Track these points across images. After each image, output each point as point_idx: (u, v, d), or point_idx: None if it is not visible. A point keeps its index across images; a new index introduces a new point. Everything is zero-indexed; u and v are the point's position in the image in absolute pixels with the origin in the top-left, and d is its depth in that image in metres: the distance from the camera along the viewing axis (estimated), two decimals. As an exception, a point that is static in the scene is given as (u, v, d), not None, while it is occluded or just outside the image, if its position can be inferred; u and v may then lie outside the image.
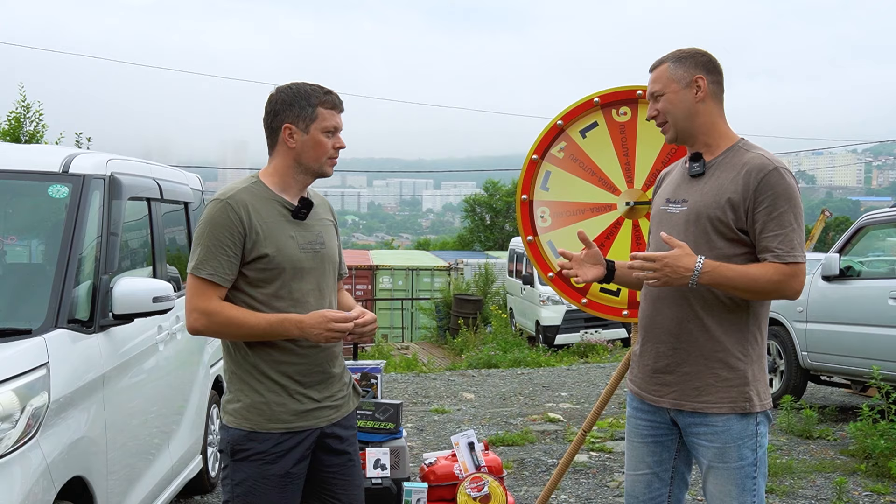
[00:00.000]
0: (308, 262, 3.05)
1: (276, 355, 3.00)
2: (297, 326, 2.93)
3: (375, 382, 5.14)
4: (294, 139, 3.02)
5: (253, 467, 2.98)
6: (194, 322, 2.97)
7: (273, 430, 2.99)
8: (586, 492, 6.06)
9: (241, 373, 3.02)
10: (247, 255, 2.95)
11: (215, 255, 2.92)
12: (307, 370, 3.05)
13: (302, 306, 3.01)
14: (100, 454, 3.75)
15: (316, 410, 3.06)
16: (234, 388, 3.05)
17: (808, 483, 6.20)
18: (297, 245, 3.03)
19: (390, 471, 4.80)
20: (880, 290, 7.83)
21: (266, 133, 3.09)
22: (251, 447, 2.98)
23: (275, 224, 3.00)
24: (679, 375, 3.04)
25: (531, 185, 4.76)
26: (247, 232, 2.94)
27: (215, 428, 6.09)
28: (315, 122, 3.02)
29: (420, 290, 28.07)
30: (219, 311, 2.92)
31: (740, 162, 3.01)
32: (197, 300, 2.94)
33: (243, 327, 2.92)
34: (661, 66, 3.11)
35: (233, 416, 3.02)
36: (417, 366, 13.84)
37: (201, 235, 2.96)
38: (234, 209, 2.94)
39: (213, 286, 2.93)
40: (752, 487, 3.02)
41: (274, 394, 2.99)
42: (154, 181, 4.94)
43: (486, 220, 51.71)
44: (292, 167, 3.06)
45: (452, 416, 8.93)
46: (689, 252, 2.91)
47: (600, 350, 15.76)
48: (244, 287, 2.99)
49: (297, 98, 3.02)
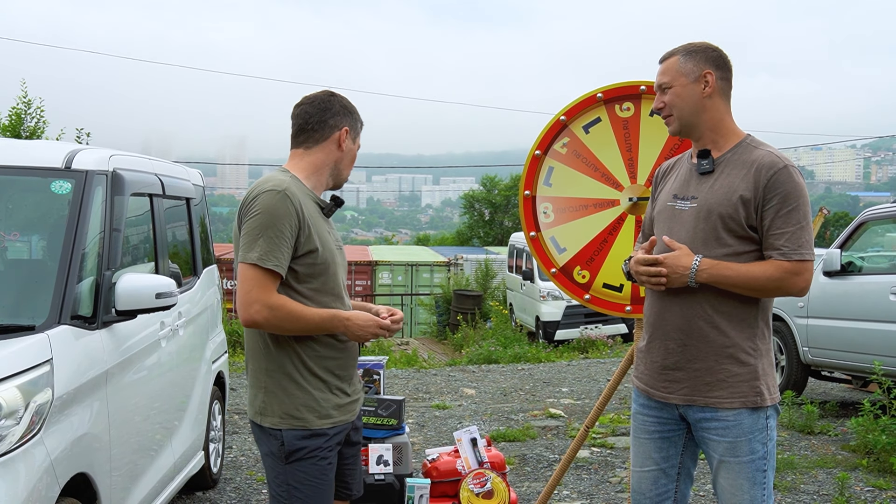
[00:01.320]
0: (339, 258, 3.15)
1: (321, 350, 3.04)
2: (343, 324, 3.00)
3: (378, 378, 5.13)
4: (346, 144, 3.15)
5: (310, 465, 3.00)
6: (255, 314, 2.91)
7: (324, 426, 3.02)
8: (588, 487, 6.06)
9: (286, 369, 3.01)
10: (299, 248, 2.96)
11: (278, 245, 2.90)
12: (345, 364, 3.13)
13: (340, 301, 3.10)
14: (103, 451, 3.74)
15: (350, 404, 3.15)
16: (272, 388, 3.02)
17: (811, 478, 6.21)
18: (332, 241, 3.11)
19: (393, 467, 4.80)
20: (881, 286, 7.83)
21: (313, 126, 3.11)
22: (307, 445, 3.00)
23: (317, 219, 3.05)
24: (689, 371, 3.04)
25: (534, 180, 4.75)
26: (301, 225, 2.95)
27: (217, 424, 6.09)
28: (358, 138, 3.23)
29: (419, 286, 28.07)
30: (281, 305, 2.91)
31: (749, 159, 3.01)
32: (259, 292, 2.89)
33: (301, 321, 2.93)
34: (670, 59, 3.11)
35: (280, 417, 3.00)
36: (418, 361, 13.84)
37: (262, 225, 2.89)
38: (291, 201, 2.93)
39: (274, 278, 2.91)
40: (763, 481, 3.03)
41: (318, 390, 3.03)
42: (156, 177, 4.93)
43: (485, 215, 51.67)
44: (329, 167, 3.15)
45: (453, 411, 8.93)
46: (688, 252, 2.99)
47: (600, 345, 15.76)
48: (291, 282, 2.98)
49: (355, 111, 3.20)
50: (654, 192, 3.37)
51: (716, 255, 2.99)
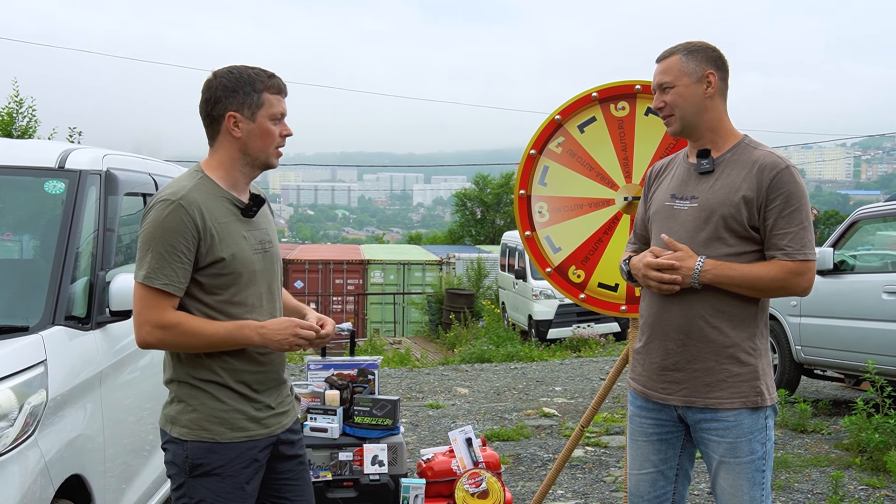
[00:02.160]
0: (259, 263, 2.86)
1: (235, 363, 2.81)
2: (258, 333, 2.75)
3: (372, 378, 5.13)
4: (239, 128, 2.79)
5: (215, 482, 2.75)
6: (147, 336, 2.71)
7: (235, 440, 2.78)
8: (583, 487, 6.06)
9: (197, 381, 2.78)
10: (200, 260, 2.72)
11: (169, 262, 2.67)
12: (265, 378, 2.88)
13: (256, 311, 2.84)
14: (97, 452, 3.72)
15: (272, 417, 2.89)
16: (186, 396, 2.79)
17: (804, 477, 6.22)
18: (249, 246, 2.83)
19: (388, 467, 4.79)
20: (874, 284, 7.85)
21: (205, 122, 2.85)
22: (213, 460, 2.75)
23: (228, 225, 2.78)
24: (689, 372, 3.03)
25: (529, 180, 4.75)
26: (201, 236, 2.70)
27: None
28: (262, 109, 2.80)
29: (411, 285, 28.03)
30: (175, 324, 2.68)
31: (750, 159, 3.01)
32: (149, 312, 2.68)
33: (200, 338, 2.70)
34: (671, 58, 3.08)
35: (188, 427, 2.76)
36: (410, 360, 13.84)
37: (152, 241, 2.68)
38: (187, 211, 2.69)
39: (166, 297, 2.68)
40: (762, 481, 3.03)
41: (232, 401, 2.79)
42: (150, 176, 4.91)
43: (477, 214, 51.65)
44: (238, 159, 2.83)
45: (447, 411, 8.92)
46: (691, 253, 2.98)
47: (593, 344, 15.76)
48: (197, 294, 2.76)
49: (241, 83, 2.78)
50: (646, 192, 3.35)
51: (717, 254, 2.98)
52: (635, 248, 3.37)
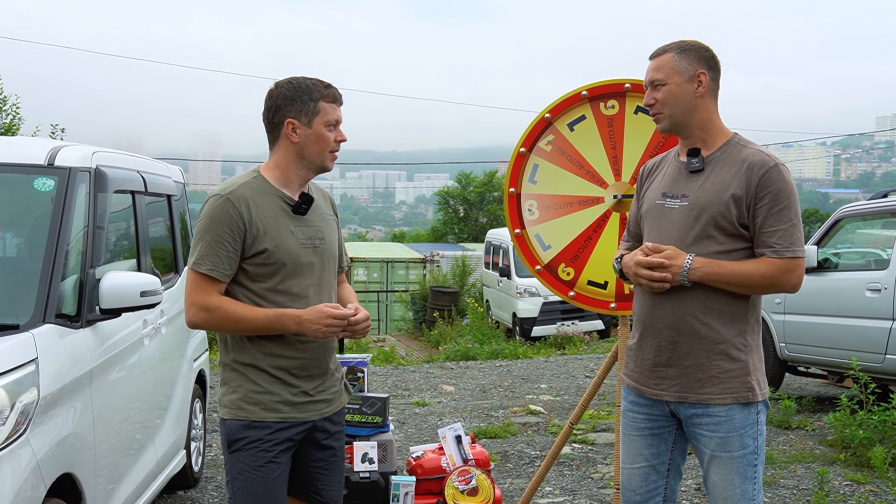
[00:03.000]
0: (307, 257, 3.06)
1: (275, 349, 3.01)
2: (296, 321, 2.95)
3: (362, 376, 5.12)
4: (297, 134, 3.03)
5: (248, 456, 2.98)
6: (193, 317, 2.98)
7: (268, 419, 2.99)
8: (570, 483, 6.08)
9: (238, 365, 3.03)
10: (247, 250, 2.96)
11: (215, 250, 2.93)
12: (305, 364, 3.06)
13: (301, 301, 3.02)
14: (88, 450, 3.71)
15: (309, 403, 3.08)
16: (229, 380, 3.06)
17: (790, 473, 6.26)
18: (296, 240, 3.04)
19: (378, 464, 4.79)
20: (857, 282, 7.92)
21: (267, 128, 3.10)
22: (247, 436, 2.99)
23: (275, 219, 3.01)
24: (681, 368, 3.05)
25: (519, 178, 4.76)
26: (247, 227, 2.95)
27: (198, 422, 6.06)
28: (318, 117, 3.03)
29: (395, 283, 28.02)
30: (218, 307, 2.94)
31: (739, 158, 3.03)
32: (196, 295, 2.96)
33: (242, 322, 2.94)
34: (664, 55, 3.10)
35: (228, 407, 3.03)
36: (396, 358, 13.83)
37: (202, 231, 2.97)
38: (234, 205, 2.95)
39: (212, 281, 2.94)
40: (753, 475, 3.06)
41: (269, 384, 3.00)
42: (138, 174, 4.89)
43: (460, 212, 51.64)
44: (294, 162, 3.06)
45: (433, 408, 8.93)
46: (679, 251, 3.01)
47: (577, 342, 15.81)
48: (244, 281, 3.00)
49: (299, 92, 3.03)
50: (639, 190, 3.37)
51: (707, 252, 3.01)
52: (629, 246, 3.39)
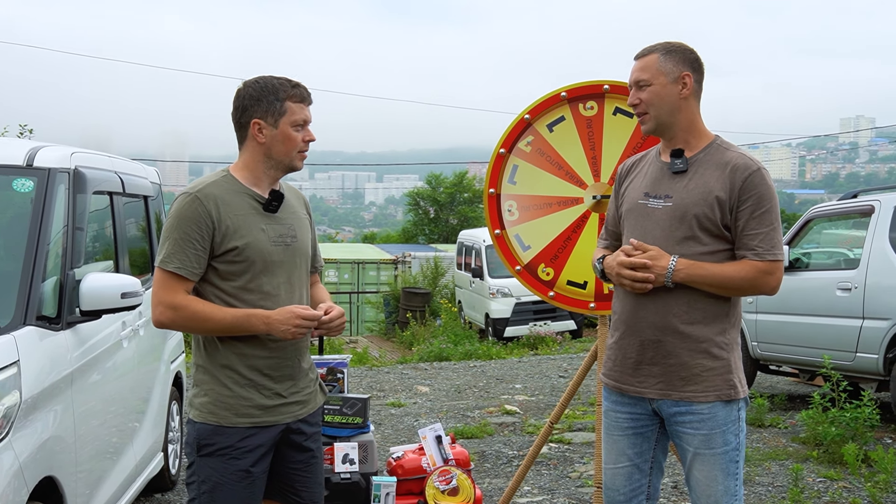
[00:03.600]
0: (278, 255, 3.02)
1: (246, 349, 2.97)
2: (264, 322, 2.92)
3: (341, 377, 5.11)
4: (263, 134, 2.99)
5: (218, 463, 2.94)
6: (160, 315, 2.94)
7: (239, 425, 2.95)
8: (549, 483, 6.11)
9: (210, 366, 2.99)
10: (216, 248, 2.93)
11: (183, 248, 2.90)
12: (277, 364, 3.02)
13: (272, 300, 2.99)
14: (69, 453, 3.68)
15: (282, 406, 3.04)
16: (201, 382, 3.01)
17: (764, 470, 6.34)
18: (267, 238, 3.00)
19: (359, 465, 4.78)
20: (828, 281, 8.02)
21: (235, 128, 3.07)
22: (217, 441, 2.94)
23: (245, 217, 2.98)
24: (664, 367, 3.08)
25: (499, 178, 4.78)
26: (216, 225, 2.92)
27: (175, 425, 6.02)
28: (284, 117, 2.99)
29: (366, 284, 27.98)
30: (185, 306, 2.90)
31: (723, 160, 3.07)
32: (163, 293, 2.92)
33: (209, 321, 2.91)
34: (649, 56, 3.13)
35: (199, 410, 2.99)
36: (369, 359, 13.82)
37: (170, 229, 2.93)
38: (202, 203, 2.92)
39: (180, 280, 2.90)
40: (735, 471, 3.10)
41: (241, 388, 2.96)
42: (116, 174, 4.86)
43: (430, 213, 51.65)
44: (262, 162, 3.03)
45: (409, 409, 8.93)
46: (662, 252, 3.04)
47: (550, 342, 15.88)
48: (215, 280, 2.97)
49: (265, 92, 2.99)
50: (617, 188, 3.39)
51: (691, 253, 3.04)
52: (607, 245, 3.41)
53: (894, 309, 7.30)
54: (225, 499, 2.94)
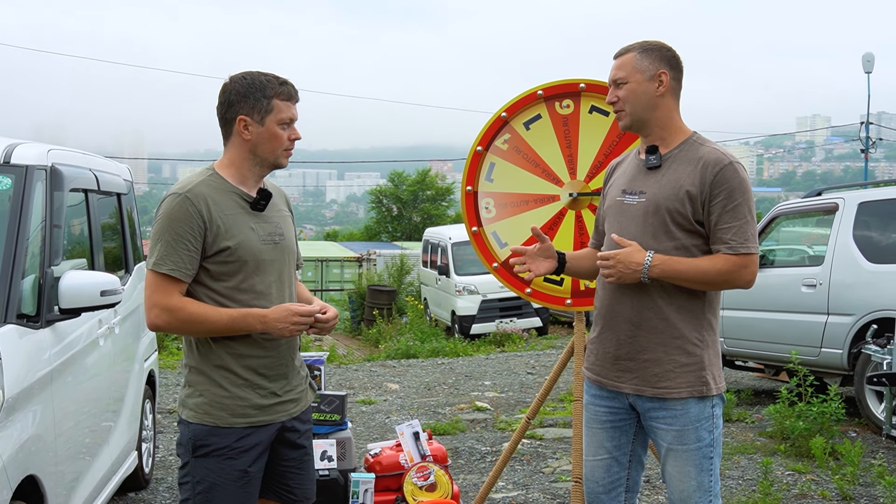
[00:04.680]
0: (269, 253, 3.02)
1: (241, 349, 2.96)
2: (260, 321, 2.92)
3: (319, 374, 5.13)
4: (249, 131, 2.96)
5: (214, 463, 2.93)
6: (156, 318, 2.91)
7: (236, 425, 2.94)
8: (522, 478, 6.16)
9: (204, 367, 2.97)
10: (208, 248, 2.91)
11: (176, 250, 2.87)
12: (272, 363, 3.03)
13: (265, 299, 2.99)
14: (49, 452, 3.65)
15: (278, 405, 3.04)
16: (195, 382, 2.99)
17: (734, 464, 6.43)
18: (257, 237, 2.99)
19: (337, 462, 4.80)
20: (793, 278, 8.17)
21: (220, 124, 3.03)
22: (213, 442, 2.93)
23: (235, 216, 2.96)
24: (639, 362, 3.13)
25: (476, 176, 4.81)
26: (207, 225, 2.89)
27: (148, 423, 5.98)
28: (271, 115, 2.96)
29: (329, 282, 27.92)
30: (181, 308, 2.88)
31: (696, 156, 3.12)
32: (158, 296, 2.89)
33: (205, 323, 2.89)
34: (627, 55, 3.19)
35: (194, 410, 2.96)
36: (337, 357, 13.79)
37: (161, 231, 2.89)
38: (193, 203, 2.89)
39: (173, 282, 2.88)
40: (709, 467, 3.15)
41: (237, 388, 2.95)
42: (91, 172, 4.82)
43: (393, 210, 51.61)
44: (248, 159, 3.01)
45: (380, 406, 8.94)
46: (640, 248, 3.08)
47: (516, 339, 15.95)
48: (206, 281, 2.94)
49: (252, 89, 2.95)
50: (604, 188, 3.45)
51: (665, 248, 3.09)
52: (594, 245, 3.48)
53: (858, 305, 7.46)
54: (221, 499, 2.94)
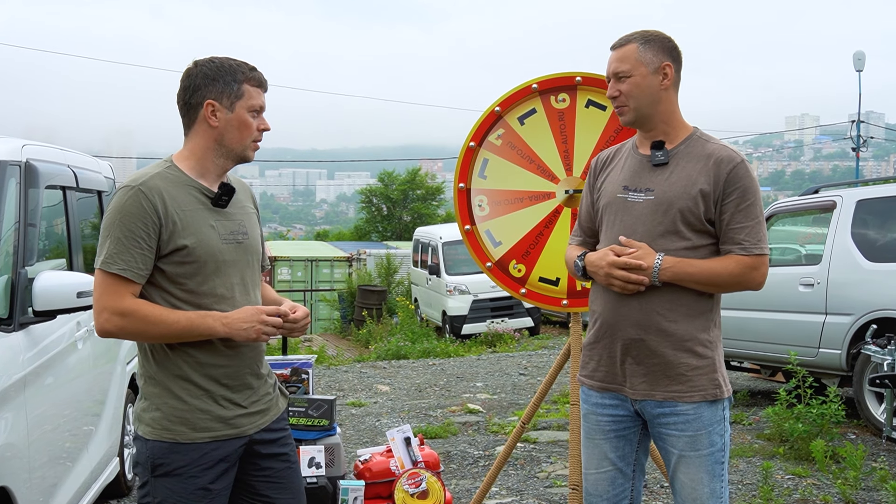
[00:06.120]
0: (230, 254, 2.76)
1: (201, 357, 2.70)
2: (223, 323, 2.66)
3: (306, 378, 4.96)
4: (217, 117, 2.72)
5: (176, 483, 2.67)
6: (105, 323, 2.63)
7: (198, 440, 2.69)
8: (517, 483, 6.00)
9: (160, 377, 2.70)
10: (163, 247, 2.65)
11: (127, 247, 2.60)
12: (235, 372, 2.77)
13: (227, 302, 2.73)
14: (22, 461, 3.48)
15: (243, 416, 2.77)
16: (151, 395, 2.72)
17: (733, 468, 6.29)
18: (218, 235, 2.74)
19: (325, 469, 4.63)
20: (790, 277, 8.03)
21: (182, 111, 2.77)
22: (173, 460, 2.67)
23: (193, 213, 2.70)
24: (648, 366, 2.97)
25: (468, 172, 4.65)
26: (162, 222, 2.63)
27: (131, 428, 5.80)
28: (241, 100, 2.74)
29: (319, 281, 27.74)
30: (134, 311, 2.60)
31: (704, 152, 2.98)
32: (107, 299, 2.61)
33: (161, 326, 2.61)
34: (628, 46, 3.01)
35: (151, 426, 2.69)
36: (326, 358, 13.63)
37: (111, 226, 2.63)
38: (147, 196, 2.62)
39: (125, 283, 2.61)
40: (721, 473, 3.01)
41: (198, 399, 2.69)
42: (69, 168, 4.64)
43: (383, 210, 51.49)
44: (212, 149, 2.76)
45: (370, 409, 8.78)
46: (650, 251, 2.93)
47: (508, 339, 15.81)
48: (163, 283, 2.68)
49: (222, 73, 2.73)
50: (592, 182, 3.26)
51: (674, 248, 2.94)
52: (581, 242, 3.29)
53: (857, 304, 7.32)
54: None
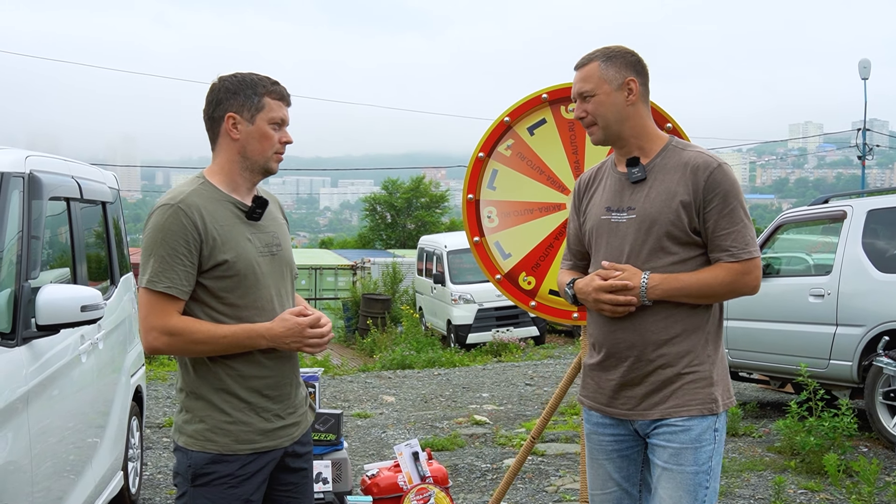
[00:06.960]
0: (266, 266, 2.83)
1: (242, 368, 2.76)
2: (266, 336, 2.72)
3: (313, 391, 4.89)
4: (238, 130, 2.79)
5: (216, 493, 2.73)
6: (154, 342, 2.70)
7: (240, 452, 2.75)
8: (525, 498, 5.92)
9: (203, 391, 2.76)
10: (204, 263, 2.71)
11: (171, 265, 2.66)
12: (276, 383, 2.83)
13: (266, 314, 2.79)
14: (24, 478, 3.41)
15: (281, 429, 2.84)
16: (193, 407, 2.77)
17: (743, 482, 6.21)
18: (254, 248, 2.80)
19: (332, 484, 4.58)
20: (800, 287, 7.95)
21: (207, 125, 2.85)
22: (216, 471, 2.73)
23: (230, 227, 2.77)
24: (645, 386, 2.93)
25: (477, 183, 4.59)
26: (203, 238, 2.69)
27: (135, 441, 5.74)
28: (261, 112, 2.80)
29: (324, 290, 27.67)
30: (182, 329, 2.67)
31: (681, 161, 2.93)
32: (155, 318, 2.68)
33: (208, 343, 2.68)
34: (589, 65, 2.98)
35: (194, 437, 2.75)
36: (331, 368, 13.56)
37: (153, 245, 2.68)
38: (186, 214, 2.69)
39: (171, 300, 2.68)
40: (704, 497, 2.90)
41: (240, 412, 2.75)
42: (73, 179, 4.58)
43: (387, 218, 51.45)
44: (237, 163, 2.82)
45: (375, 420, 8.71)
46: (635, 271, 2.89)
47: (513, 349, 15.73)
48: (204, 298, 2.74)
49: (243, 86, 2.80)
50: (577, 204, 3.20)
51: (662, 265, 2.88)
52: (571, 266, 3.23)
53: (868, 315, 7.25)
54: None
